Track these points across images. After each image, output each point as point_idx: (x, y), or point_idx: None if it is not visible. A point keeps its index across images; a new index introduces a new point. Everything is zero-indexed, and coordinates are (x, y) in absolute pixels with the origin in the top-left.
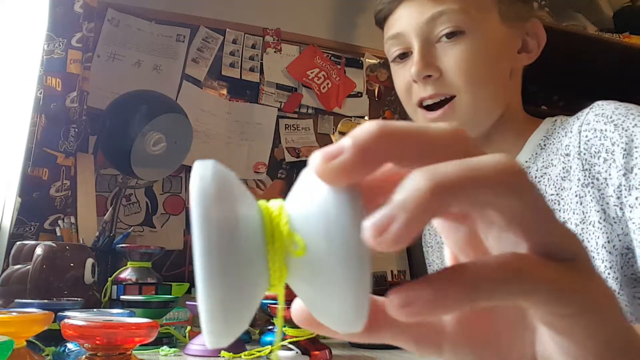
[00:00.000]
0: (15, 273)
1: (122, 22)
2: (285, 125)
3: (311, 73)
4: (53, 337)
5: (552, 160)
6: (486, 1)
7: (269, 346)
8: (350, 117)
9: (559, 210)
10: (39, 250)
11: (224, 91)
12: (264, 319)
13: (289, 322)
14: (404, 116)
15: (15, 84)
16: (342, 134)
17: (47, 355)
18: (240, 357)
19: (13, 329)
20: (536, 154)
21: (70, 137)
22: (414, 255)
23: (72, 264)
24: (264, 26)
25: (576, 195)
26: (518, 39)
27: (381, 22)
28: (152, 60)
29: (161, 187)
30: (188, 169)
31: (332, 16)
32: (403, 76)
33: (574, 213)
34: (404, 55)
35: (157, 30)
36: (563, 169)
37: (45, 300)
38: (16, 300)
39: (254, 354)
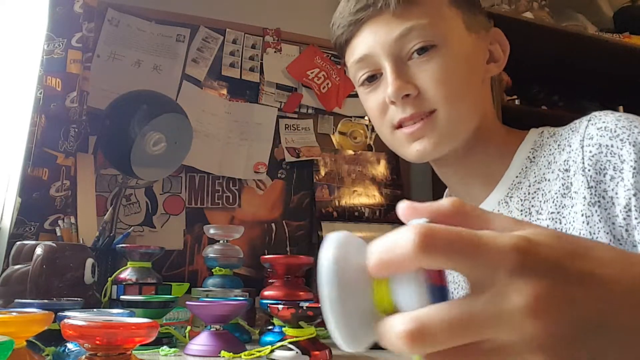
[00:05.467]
0: (15, 273)
1: (122, 22)
2: (285, 125)
3: (311, 73)
4: (53, 337)
5: (544, 174)
6: (450, 13)
7: (269, 346)
8: (350, 117)
9: (561, 229)
10: (39, 250)
11: (224, 91)
12: (263, 319)
13: (288, 322)
14: None
15: (15, 84)
16: (342, 134)
17: (47, 355)
18: (240, 357)
19: (13, 329)
20: (526, 167)
21: (70, 137)
22: None
23: (72, 264)
24: (264, 26)
25: (582, 215)
26: (485, 49)
27: (342, 47)
28: (152, 60)
29: (161, 187)
30: (188, 169)
31: (332, 16)
32: (375, 99)
33: (579, 233)
34: (373, 78)
35: (157, 30)
36: (563, 185)
37: (45, 300)
38: (16, 300)
39: (253, 354)
